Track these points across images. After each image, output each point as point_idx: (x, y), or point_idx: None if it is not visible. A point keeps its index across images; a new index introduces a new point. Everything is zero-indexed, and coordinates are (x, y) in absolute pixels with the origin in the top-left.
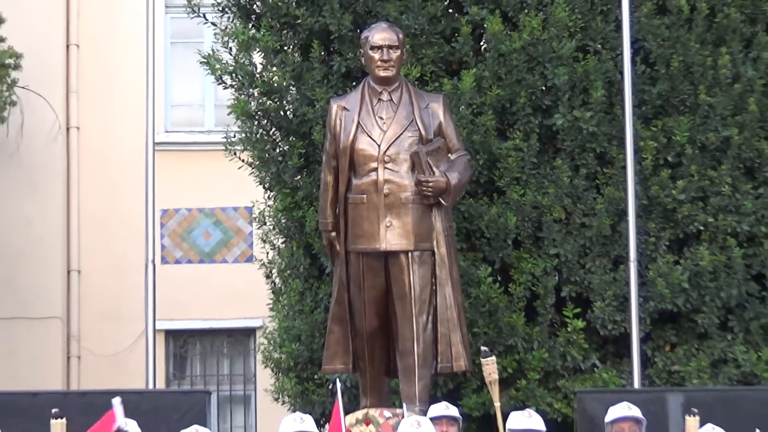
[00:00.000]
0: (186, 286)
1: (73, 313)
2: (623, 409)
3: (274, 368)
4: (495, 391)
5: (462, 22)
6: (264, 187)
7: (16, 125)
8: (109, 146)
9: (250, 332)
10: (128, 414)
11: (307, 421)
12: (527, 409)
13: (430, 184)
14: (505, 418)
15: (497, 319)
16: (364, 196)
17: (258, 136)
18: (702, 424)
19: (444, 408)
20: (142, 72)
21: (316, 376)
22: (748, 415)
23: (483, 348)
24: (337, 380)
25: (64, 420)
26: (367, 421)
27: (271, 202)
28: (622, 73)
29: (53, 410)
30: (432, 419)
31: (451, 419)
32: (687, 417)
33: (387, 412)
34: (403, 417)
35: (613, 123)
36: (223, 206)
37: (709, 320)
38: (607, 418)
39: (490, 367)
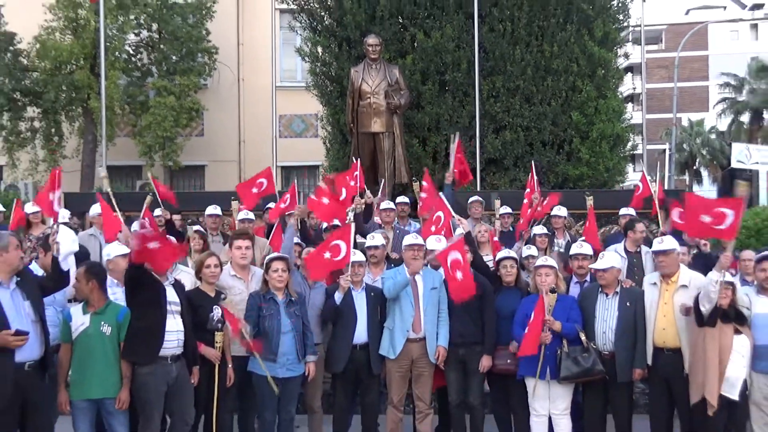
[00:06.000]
0: (290, 147)
1: (242, 159)
2: (475, 197)
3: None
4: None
5: (406, 34)
6: (322, 104)
7: (216, 79)
8: (257, 87)
9: (316, 166)
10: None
11: None
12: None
13: (393, 103)
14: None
15: (421, 162)
16: (364, 109)
17: (319, 83)
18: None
19: (402, 198)
20: (270, 54)
21: None
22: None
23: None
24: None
25: (237, 204)
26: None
27: (325, 112)
28: (474, 57)
29: (231, 198)
30: (397, 203)
31: (405, 204)
32: (495, 200)
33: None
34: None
35: (470, 79)
36: (305, 113)
37: (510, 161)
38: (469, 201)
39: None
